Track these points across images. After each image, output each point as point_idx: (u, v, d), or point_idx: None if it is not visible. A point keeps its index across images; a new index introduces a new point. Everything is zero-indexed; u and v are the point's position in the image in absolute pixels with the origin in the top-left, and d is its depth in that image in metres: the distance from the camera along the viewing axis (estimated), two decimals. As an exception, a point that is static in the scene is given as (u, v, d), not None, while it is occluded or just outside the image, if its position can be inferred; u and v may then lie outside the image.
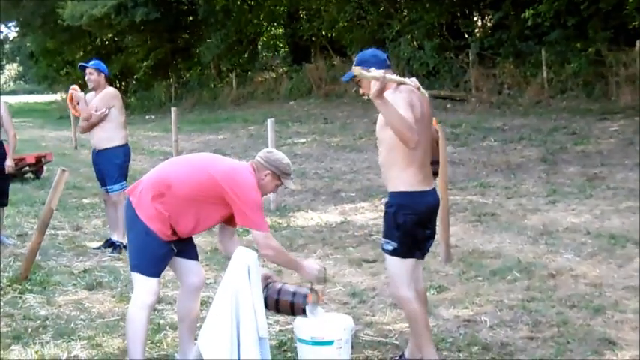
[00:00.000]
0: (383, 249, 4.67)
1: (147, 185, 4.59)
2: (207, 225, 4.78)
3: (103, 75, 8.43)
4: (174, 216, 4.52)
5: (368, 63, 4.58)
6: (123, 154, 8.44)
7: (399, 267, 4.59)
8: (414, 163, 4.49)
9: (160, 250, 4.55)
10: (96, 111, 8.25)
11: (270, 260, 4.71)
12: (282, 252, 4.69)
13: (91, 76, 8.38)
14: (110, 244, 8.43)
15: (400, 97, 4.38)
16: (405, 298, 4.61)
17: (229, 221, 4.71)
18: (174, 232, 4.58)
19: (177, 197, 4.50)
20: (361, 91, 4.71)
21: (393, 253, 4.58)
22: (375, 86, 4.18)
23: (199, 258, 5.01)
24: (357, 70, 4.29)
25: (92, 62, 8.53)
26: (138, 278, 4.58)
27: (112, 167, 8.33)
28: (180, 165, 4.78)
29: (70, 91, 8.65)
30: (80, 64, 8.80)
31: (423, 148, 4.54)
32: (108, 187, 8.40)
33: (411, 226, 4.53)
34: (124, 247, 8.22)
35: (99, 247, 8.50)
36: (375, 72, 4.24)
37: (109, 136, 8.33)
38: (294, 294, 4.65)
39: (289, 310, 4.72)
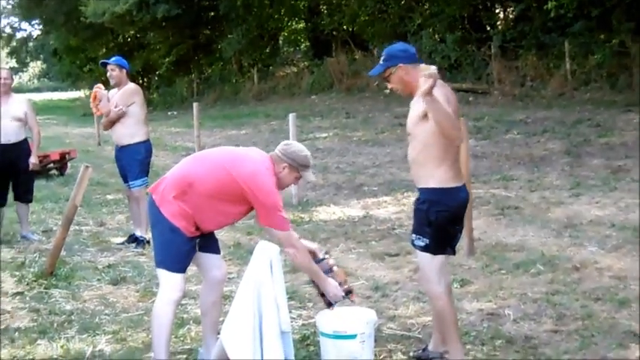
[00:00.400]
0: (414, 245, 4.63)
1: (169, 183, 4.60)
2: (230, 221, 4.81)
3: (124, 71, 8.47)
4: (198, 213, 4.53)
5: (397, 58, 4.54)
6: (144, 149, 8.47)
7: (429, 263, 4.56)
8: (448, 160, 4.45)
9: (184, 247, 4.57)
10: (115, 107, 8.29)
11: (292, 260, 4.70)
12: (306, 254, 4.66)
13: (113, 72, 8.42)
14: (134, 239, 8.47)
15: (438, 92, 4.28)
16: (435, 293, 4.60)
17: None
18: (197, 229, 4.60)
19: (200, 195, 4.51)
20: (390, 86, 4.65)
21: (424, 249, 4.55)
22: (425, 83, 4.05)
23: (222, 252, 5.03)
24: (424, 66, 4.15)
25: (113, 59, 8.57)
26: (163, 274, 4.60)
27: (133, 163, 8.37)
28: (201, 161, 4.77)
29: (95, 89, 8.69)
30: (102, 61, 8.84)
31: (456, 144, 4.51)
32: (130, 183, 8.44)
33: (444, 223, 4.50)
34: (148, 242, 8.27)
35: (122, 243, 8.55)
36: (431, 69, 4.13)
37: (131, 132, 8.36)
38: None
39: (319, 291, 4.77)
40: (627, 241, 7.43)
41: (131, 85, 8.53)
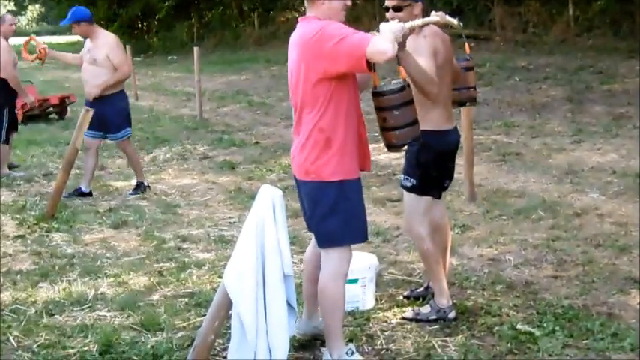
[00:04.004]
0: (401, 185, 4.65)
1: (297, 155, 4.05)
2: (357, 105, 4.02)
3: (86, 22, 7.95)
4: (347, 138, 3.89)
5: None
6: (125, 98, 8.27)
7: (415, 204, 4.58)
8: (440, 102, 4.43)
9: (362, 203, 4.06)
10: (93, 61, 7.96)
11: (388, 59, 3.58)
12: (386, 42, 3.57)
13: (75, 30, 8.09)
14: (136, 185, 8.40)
15: (425, 43, 4.22)
16: (418, 235, 4.62)
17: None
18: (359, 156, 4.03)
19: (331, 129, 3.86)
20: (391, 16, 4.35)
21: (411, 190, 4.56)
22: (397, 36, 3.66)
23: (223, 197, 5.01)
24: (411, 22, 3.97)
25: (69, 15, 8.01)
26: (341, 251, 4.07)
27: (114, 114, 8.05)
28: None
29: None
30: (61, 22, 8.38)
31: (447, 87, 4.48)
32: (111, 136, 8.21)
33: (433, 165, 4.51)
34: (148, 186, 8.29)
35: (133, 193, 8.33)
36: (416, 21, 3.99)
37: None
38: None
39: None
40: (628, 188, 7.42)
41: (110, 38, 8.17)
